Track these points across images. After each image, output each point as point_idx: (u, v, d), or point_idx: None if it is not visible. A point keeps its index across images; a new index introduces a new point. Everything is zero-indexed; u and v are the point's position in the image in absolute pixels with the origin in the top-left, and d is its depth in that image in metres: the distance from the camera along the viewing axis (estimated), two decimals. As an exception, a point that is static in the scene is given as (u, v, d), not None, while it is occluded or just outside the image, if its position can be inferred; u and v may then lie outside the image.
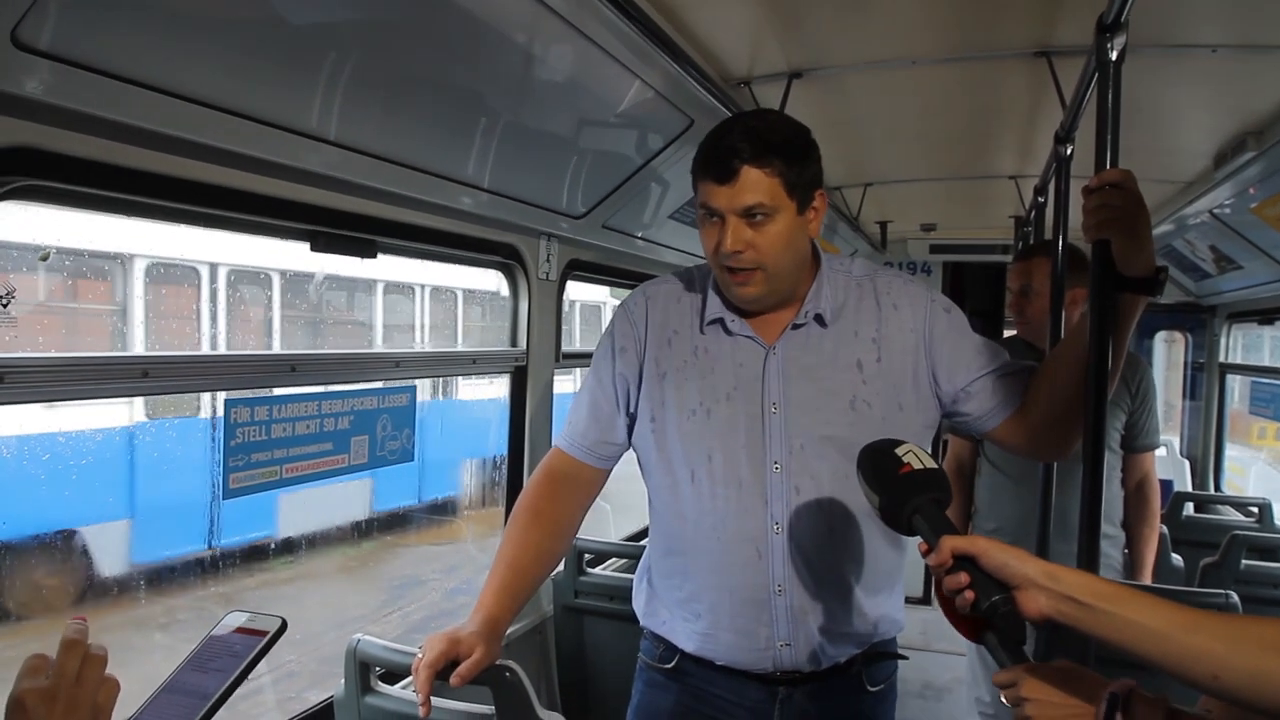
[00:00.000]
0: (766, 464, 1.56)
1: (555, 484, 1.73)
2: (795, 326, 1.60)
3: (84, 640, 0.89)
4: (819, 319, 1.60)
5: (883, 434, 1.40)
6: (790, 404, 1.57)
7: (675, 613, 1.68)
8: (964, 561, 1.06)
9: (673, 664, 1.70)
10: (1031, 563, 1.03)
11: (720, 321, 1.62)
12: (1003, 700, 1.21)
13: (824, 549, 1.57)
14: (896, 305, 1.62)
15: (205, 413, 5.99)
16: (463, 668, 1.46)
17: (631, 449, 1.75)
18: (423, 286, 8.63)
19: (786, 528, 1.56)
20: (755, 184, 1.48)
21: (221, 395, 1.76)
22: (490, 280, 7.86)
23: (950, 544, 1.07)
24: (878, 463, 1.22)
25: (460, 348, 6.25)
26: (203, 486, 5.98)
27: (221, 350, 6.58)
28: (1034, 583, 1.01)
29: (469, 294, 9.07)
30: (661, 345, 1.66)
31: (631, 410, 1.69)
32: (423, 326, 8.65)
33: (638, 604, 1.79)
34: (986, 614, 1.03)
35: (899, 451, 1.21)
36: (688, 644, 1.66)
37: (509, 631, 2.61)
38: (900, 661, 1.76)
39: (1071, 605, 1.00)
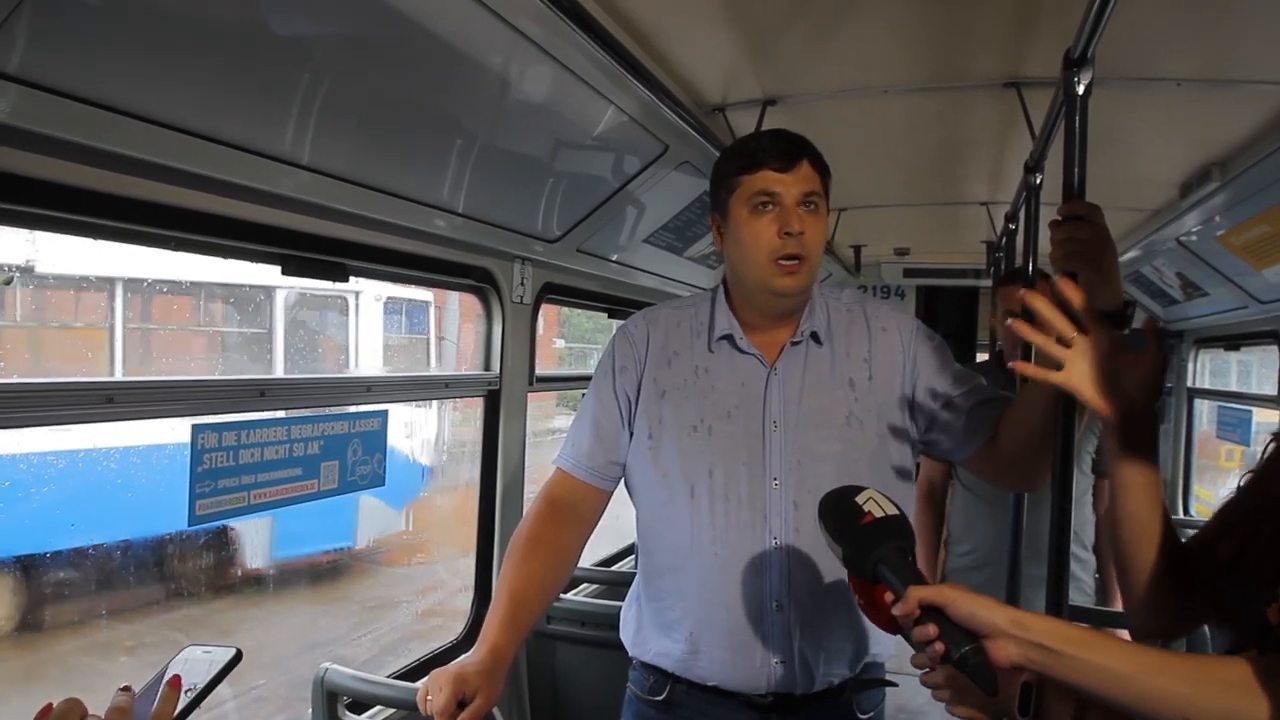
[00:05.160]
0: (766, 480, 1.60)
1: (556, 512, 1.72)
2: (794, 344, 1.66)
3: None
4: (814, 337, 1.67)
5: (876, 450, 1.59)
6: (789, 422, 1.61)
7: (666, 636, 1.67)
8: (931, 612, 1.06)
9: (664, 695, 1.69)
10: (999, 611, 1.03)
11: (729, 338, 1.67)
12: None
13: (822, 564, 1.59)
14: (885, 329, 1.69)
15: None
16: (466, 714, 1.43)
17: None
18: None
19: (786, 543, 1.58)
20: (810, 175, 1.61)
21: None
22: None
23: (917, 594, 1.07)
24: (838, 512, 1.21)
25: (433, 372, 5.66)
26: None
27: (189, 375, 5.79)
28: (1002, 631, 1.01)
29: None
30: (661, 365, 1.70)
31: (630, 428, 1.72)
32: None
33: (626, 634, 1.78)
34: (957, 665, 1.03)
35: (859, 500, 1.20)
36: (678, 667, 1.65)
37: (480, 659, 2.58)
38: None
39: (1040, 652, 1.00)
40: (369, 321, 7.07)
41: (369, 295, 6.85)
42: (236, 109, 1.43)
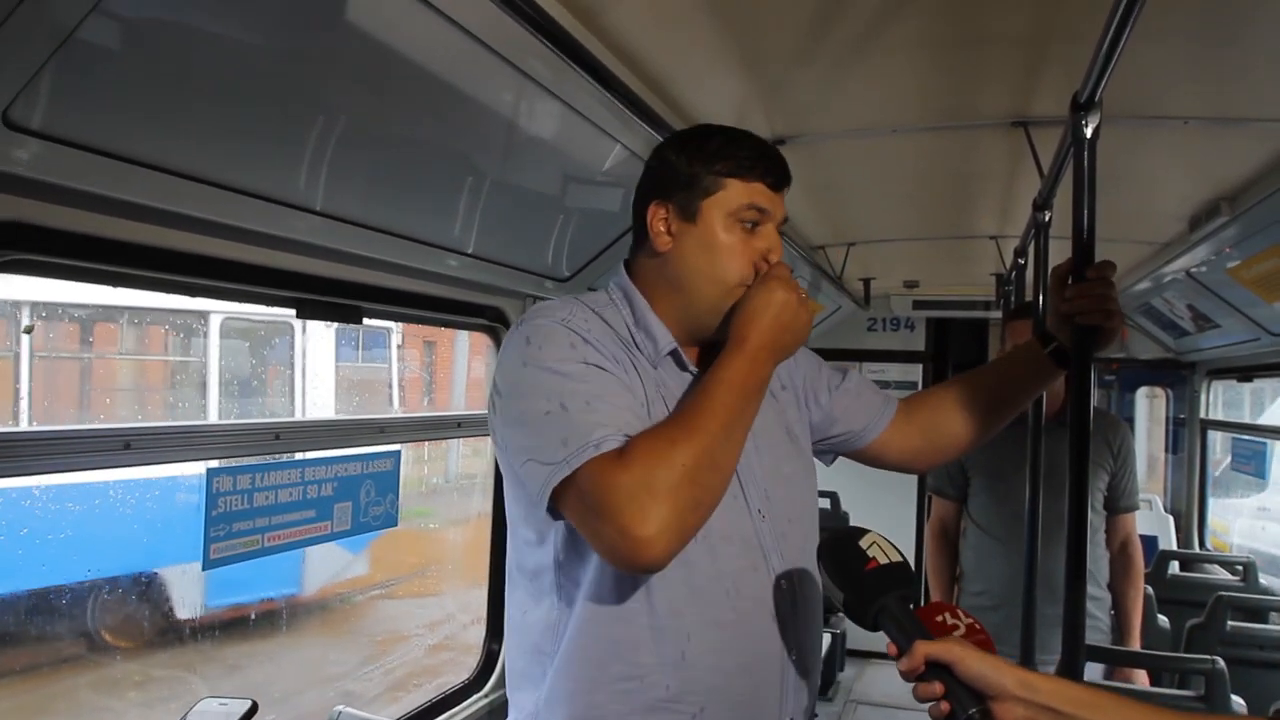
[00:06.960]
0: (752, 513, 1.36)
1: None
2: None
3: None
4: None
5: (810, 466, 1.52)
6: (748, 444, 1.33)
7: None
8: (937, 668, 1.03)
9: None
10: (1008, 672, 1.01)
11: (675, 354, 1.40)
12: None
13: (812, 597, 1.42)
14: None
15: None
16: None
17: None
18: None
19: (788, 583, 1.38)
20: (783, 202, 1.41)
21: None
22: None
23: (924, 650, 1.03)
24: (839, 556, 1.15)
25: (446, 412, 5.31)
26: None
27: (207, 420, 5.45)
28: (1010, 694, 0.99)
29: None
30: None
31: None
32: None
33: None
34: None
35: (863, 544, 1.14)
36: None
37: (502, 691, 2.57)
38: None
39: (1049, 715, 0.98)
40: (318, 352, 6.13)
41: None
42: (250, 157, 1.45)
